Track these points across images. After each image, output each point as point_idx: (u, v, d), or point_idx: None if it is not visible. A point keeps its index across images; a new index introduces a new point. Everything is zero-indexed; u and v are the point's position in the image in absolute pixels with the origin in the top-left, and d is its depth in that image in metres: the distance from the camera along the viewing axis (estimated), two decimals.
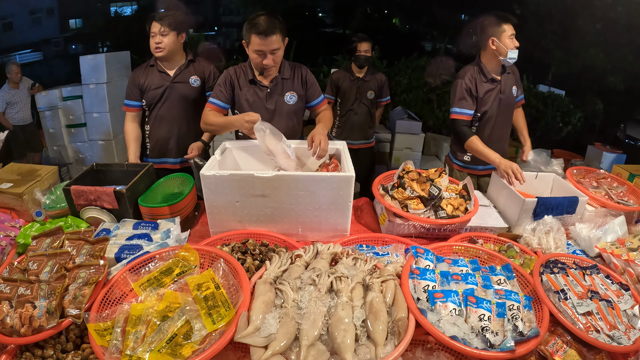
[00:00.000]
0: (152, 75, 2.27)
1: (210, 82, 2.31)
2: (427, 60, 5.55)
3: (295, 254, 1.31)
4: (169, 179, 1.87)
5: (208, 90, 2.30)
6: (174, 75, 2.27)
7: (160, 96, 2.27)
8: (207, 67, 2.34)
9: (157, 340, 0.98)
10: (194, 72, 2.30)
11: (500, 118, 2.30)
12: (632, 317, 1.19)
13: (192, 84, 2.28)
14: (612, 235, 1.64)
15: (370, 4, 7.95)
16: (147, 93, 2.27)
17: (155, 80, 2.26)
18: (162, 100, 2.28)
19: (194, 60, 2.31)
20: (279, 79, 1.98)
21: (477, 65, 2.25)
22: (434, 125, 5.40)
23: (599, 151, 4.43)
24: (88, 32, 7.60)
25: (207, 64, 2.35)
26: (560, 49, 5.47)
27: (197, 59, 2.34)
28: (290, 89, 1.99)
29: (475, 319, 1.10)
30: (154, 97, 2.27)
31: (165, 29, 2.14)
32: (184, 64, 2.28)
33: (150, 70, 2.28)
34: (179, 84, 2.26)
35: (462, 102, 2.20)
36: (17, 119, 4.76)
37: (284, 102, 1.99)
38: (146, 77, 2.27)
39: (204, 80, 2.32)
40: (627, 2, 5.08)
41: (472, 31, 4.15)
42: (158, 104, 2.29)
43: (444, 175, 1.84)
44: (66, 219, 1.60)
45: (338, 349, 0.97)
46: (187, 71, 2.29)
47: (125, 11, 8.02)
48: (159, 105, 2.29)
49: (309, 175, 1.50)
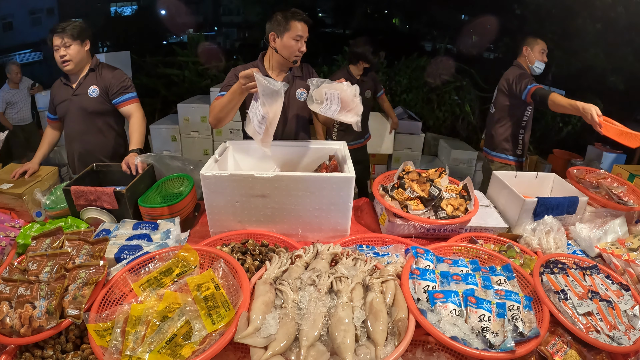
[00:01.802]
0: (60, 88, 2.16)
1: (114, 89, 2.10)
2: (427, 60, 5.54)
3: (295, 254, 1.31)
4: (169, 179, 1.87)
5: (114, 98, 2.11)
6: (76, 88, 2.11)
7: (66, 111, 2.14)
8: (108, 74, 2.12)
9: (157, 340, 0.98)
10: (94, 81, 2.11)
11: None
12: (632, 318, 1.19)
13: (91, 94, 2.09)
14: (612, 236, 1.64)
15: (370, 4, 7.95)
16: (57, 108, 2.16)
17: (62, 94, 2.13)
18: (67, 115, 2.14)
19: (94, 69, 2.12)
20: (290, 76, 1.98)
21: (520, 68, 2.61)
22: (434, 125, 5.40)
23: (599, 151, 4.43)
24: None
25: (109, 71, 2.13)
26: (560, 49, 5.46)
27: (100, 66, 2.15)
28: (301, 85, 2.00)
29: (475, 320, 1.10)
30: (61, 113, 2.16)
31: (67, 40, 1.99)
32: (85, 74, 2.11)
33: (58, 84, 2.17)
34: (79, 97, 2.10)
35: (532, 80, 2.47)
36: (17, 119, 4.76)
37: (295, 98, 2.00)
38: (56, 91, 2.16)
39: (105, 90, 2.10)
40: (627, 2, 5.08)
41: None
42: (64, 120, 2.17)
43: (444, 175, 1.84)
44: (66, 220, 1.60)
45: (338, 349, 0.97)
46: (86, 81, 2.11)
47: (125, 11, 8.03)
48: (65, 120, 2.17)
49: (309, 175, 1.50)
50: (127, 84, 2.15)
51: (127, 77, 2.18)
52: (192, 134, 4.38)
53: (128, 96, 2.14)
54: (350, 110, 1.62)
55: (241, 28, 8.63)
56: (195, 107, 4.28)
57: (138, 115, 2.14)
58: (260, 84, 1.51)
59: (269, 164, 1.91)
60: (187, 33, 7.36)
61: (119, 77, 2.13)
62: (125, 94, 2.13)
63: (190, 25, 7.53)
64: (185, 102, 4.39)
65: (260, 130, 1.63)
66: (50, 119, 2.24)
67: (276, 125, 1.62)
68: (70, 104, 2.11)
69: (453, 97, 5.43)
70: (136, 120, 2.13)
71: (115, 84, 2.11)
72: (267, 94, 1.54)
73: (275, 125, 1.61)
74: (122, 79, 2.14)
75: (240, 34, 8.73)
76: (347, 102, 1.61)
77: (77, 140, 2.18)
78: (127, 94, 2.14)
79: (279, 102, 1.56)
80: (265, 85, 1.51)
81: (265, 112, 1.57)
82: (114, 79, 2.11)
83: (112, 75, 2.12)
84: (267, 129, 1.61)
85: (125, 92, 2.13)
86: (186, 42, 6.48)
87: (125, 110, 2.14)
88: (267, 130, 1.61)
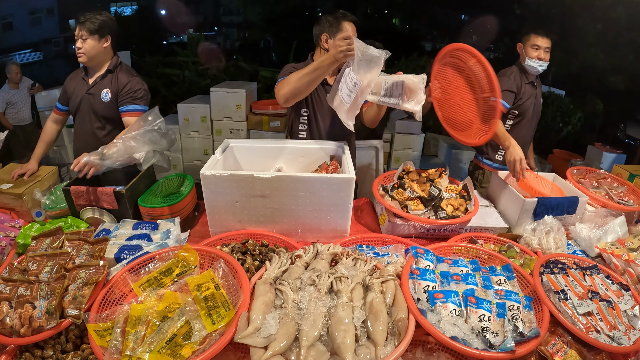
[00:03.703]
0: (77, 80, 2.08)
1: (124, 96, 2.00)
2: (427, 60, 5.55)
3: (295, 254, 1.30)
4: (169, 179, 1.87)
5: (121, 105, 2.01)
6: (91, 86, 2.03)
7: (77, 106, 2.07)
8: (124, 80, 2.02)
9: (157, 340, 0.98)
10: (109, 84, 2.02)
11: (532, 122, 2.46)
12: (633, 318, 1.19)
13: (103, 98, 2.01)
14: (612, 236, 1.64)
15: (370, 4, 7.95)
16: (70, 100, 2.10)
17: (77, 87, 2.06)
18: (78, 111, 2.09)
19: (112, 71, 2.03)
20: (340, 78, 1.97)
21: (518, 67, 2.40)
22: (433, 125, 5.40)
23: (599, 151, 4.43)
24: None
25: (126, 76, 2.03)
26: (560, 49, 5.47)
27: (119, 68, 2.05)
28: None
29: (475, 320, 1.10)
30: (73, 107, 2.09)
31: (84, 32, 1.90)
32: (103, 74, 2.03)
33: (77, 75, 2.09)
34: (92, 96, 2.03)
35: (504, 94, 2.26)
36: (17, 119, 4.76)
37: None
38: (73, 82, 2.09)
39: (116, 96, 2.01)
40: (627, 2, 5.08)
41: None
42: (75, 115, 2.12)
43: (444, 175, 1.84)
44: (66, 220, 1.60)
45: (338, 349, 0.97)
46: (102, 83, 2.03)
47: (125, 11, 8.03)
48: (75, 116, 2.12)
49: (309, 176, 1.50)
50: (139, 95, 2.02)
51: (142, 88, 2.05)
52: (192, 134, 4.38)
53: (133, 107, 2.00)
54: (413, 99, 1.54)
55: (241, 28, 8.63)
56: (195, 107, 4.28)
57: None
58: (358, 48, 1.43)
59: (270, 164, 1.91)
60: (187, 33, 7.36)
61: (132, 86, 2.02)
62: (132, 104, 2.01)
63: (190, 25, 7.54)
64: (185, 102, 4.39)
65: (349, 100, 1.52)
66: (58, 109, 2.15)
67: (366, 96, 1.52)
68: (83, 102, 2.05)
69: None
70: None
71: (126, 91, 2.01)
72: (364, 60, 1.44)
73: (365, 96, 1.51)
74: (135, 88, 2.02)
75: (240, 34, 8.73)
76: (414, 90, 1.53)
77: (85, 139, 2.10)
78: (134, 104, 2.01)
79: (374, 71, 1.46)
80: (364, 51, 1.43)
81: (359, 79, 1.46)
82: (127, 86, 2.01)
83: (127, 81, 2.02)
84: (356, 98, 1.50)
85: (133, 103, 2.01)
86: (186, 42, 6.49)
87: (126, 121, 2.01)
88: (355, 100, 1.51)
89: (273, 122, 4.16)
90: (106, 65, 2.04)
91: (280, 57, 6.69)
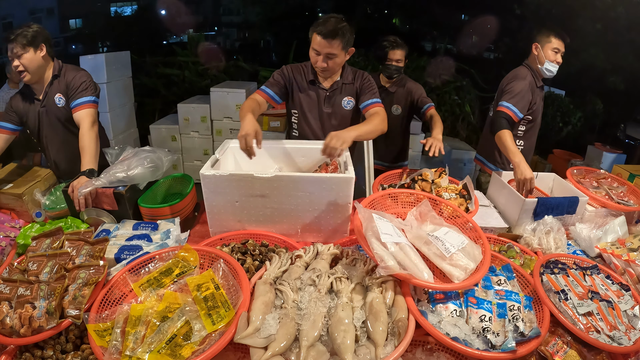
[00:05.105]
0: (26, 100, 1.99)
1: (71, 92, 1.91)
2: (427, 60, 5.54)
3: (295, 254, 1.30)
4: (169, 179, 1.87)
5: (70, 102, 1.91)
6: (43, 99, 1.95)
7: (37, 124, 2.00)
8: (69, 78, 1.93)
9: (157, 340, 0.98)
10: (58, 88, 1.95)
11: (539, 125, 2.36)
12: (633, 318, 1.19)
13: (58, 103, 1.94)
14: (612, 236, 1.64)
15: (370, 4, 7.94)
16: (27, 120, 2.01)
17: (30, 106, 1.98)
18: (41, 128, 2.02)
19: (58, 75, 1.95)
20: (340, 83, 1.96)
21: (530, 69, 2.23)
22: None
23: (599, 151, 4.43)
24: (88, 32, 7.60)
25: (71, 74, 1.94)
26: None
27: (64, 69, 1.97)
28: (349, 94, 1.98)
29: (476, 320, 1.10)
30: (32, 127, 2.02)
31: (18, 48, 1.80)
32: (50, 82, 1.95)
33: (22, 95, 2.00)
34: (48, 108, 1.97)
35: (516, 99, 2.10)
36: None
37: (341, 106, 1.98)
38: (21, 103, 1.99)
39: (67, 95, 1.94)
40: (627, 2, 5.08)
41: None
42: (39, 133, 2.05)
43: (444, 175, 1.84)
44: (66, 220, 1.60)
45: (338, 349, 0.97)
46: (52, 89, 1.95)
47: (125, 11, 8.01)
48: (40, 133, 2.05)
49: (309, 176, 1.50)
50: (85, 87, 1.91)
51: (89, 80, 1.95)
52: (192, 134, 4.38)
53: (81, 100, 1.88)
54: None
55: (241, 28, 8.62)
56: (195, 107, 4.28)
57: (85, 125, 1.84)
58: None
59: (270, 164, 1.91)
60: (187, 33, 7.34)
61: (77, 80, 1.91)
62: (80, 97, 1.89)
63: (190, 25, 7.52)
64: (185, 102, 4.39)
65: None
66: (7, 129, 1.96)
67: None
68: (43, 116, 1.98)
69: (453, 97, 5.42)
70: (83, 132, 1.82)
71: (72, 88, 1.91)
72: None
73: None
74: (80, 81, 1.91)
75: (240, 34, 8.72)
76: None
77: (60, 149, 2.07)
78: (81, 97, 1.89)
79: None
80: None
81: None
82: (72, 82, 1.92)
83: (72, 78, 1.93)
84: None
85: (80, 96, 1.89)
86: (186, 42, 6.47)
87: (76, 117, 1.89)
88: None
89: (273, 122, 4.16)
90: (50, 73, 1.95)
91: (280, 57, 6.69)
